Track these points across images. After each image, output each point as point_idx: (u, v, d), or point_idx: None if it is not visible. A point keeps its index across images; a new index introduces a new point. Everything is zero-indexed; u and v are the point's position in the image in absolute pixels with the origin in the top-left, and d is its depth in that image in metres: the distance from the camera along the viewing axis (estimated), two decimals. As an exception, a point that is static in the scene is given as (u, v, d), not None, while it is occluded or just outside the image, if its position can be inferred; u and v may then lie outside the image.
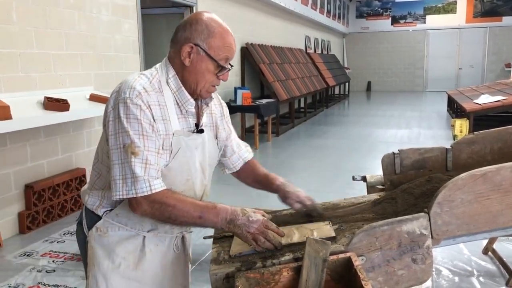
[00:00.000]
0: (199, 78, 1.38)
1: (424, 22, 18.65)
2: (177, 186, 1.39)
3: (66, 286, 2.89)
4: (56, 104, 3.72)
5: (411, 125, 9.55)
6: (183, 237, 1.53)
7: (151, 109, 1.31)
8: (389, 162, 1.96)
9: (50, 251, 3.45)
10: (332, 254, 1.32)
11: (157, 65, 1.45)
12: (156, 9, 7.03)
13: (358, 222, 1.62)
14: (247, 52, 8.42)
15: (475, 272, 2.97)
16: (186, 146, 1.39)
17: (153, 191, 1.29)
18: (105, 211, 1.40)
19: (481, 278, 2.89)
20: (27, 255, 3.39)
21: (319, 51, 15.32)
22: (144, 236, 1.41)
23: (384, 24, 19.22)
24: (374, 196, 1.90)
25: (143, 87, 1.32)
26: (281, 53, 10.31)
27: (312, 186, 5.09)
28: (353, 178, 2.20)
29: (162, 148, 1.34)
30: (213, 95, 1.52)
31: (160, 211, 1.31)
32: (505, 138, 1.94)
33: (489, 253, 3.19)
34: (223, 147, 1.63)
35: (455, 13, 18.14)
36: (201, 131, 1.46)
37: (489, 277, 2.91)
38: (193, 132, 1.43)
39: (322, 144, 7.64)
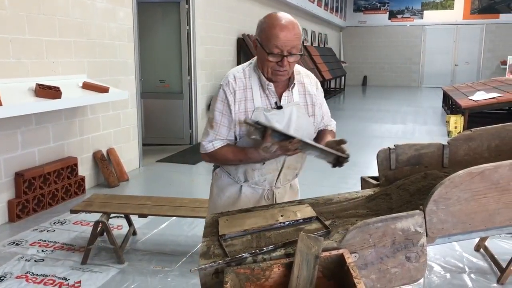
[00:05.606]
0: (261, 64, 1.76)
1: (422, 18, 18.63)
2: None
3: (54, 276, 2.86)
4: (48, 91, 3.65)
5: (406, 120, 9.55)
6: (273, 192, 1.91)
7: (235, 95, 1.75)
8: (384, 157, 1.92)
9: (40, 240, 3.41)
10: (324, 250, 1.30)
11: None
12: (152, -2, 6.92)
13: (352, 218, 1.59)
14: (243, 43, 8.36)
15: (467, 269, 2.97)
16: (265, 119, 1.73)
17: (216, 148, 1.79)
18: None
19: (472, 275, 2.89)
20: (16, 243, 3.35)
21: (316, 44, 15.25)
22: (241, 185, 1.88)
23: (381, 18, 19.17)
24: (369, 191, 1.87)
25: (233, 76, 1.78)
26: (278, 45, 10.22)
27: (305, 180, 5.03)
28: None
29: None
30: (305, 79, 1.87)
31: (215, 159, 1.84)
32: (502, 135, 1.91)
33: (481, 250, 3.19)
34: (320, 121, 1.95)
35: (453, 9, 18.13)
36: (280, 107, 1.79)
37: (481, 274, 2.91)
38: (273, 108, 1.78)
39: (317, 138, 7.60)
